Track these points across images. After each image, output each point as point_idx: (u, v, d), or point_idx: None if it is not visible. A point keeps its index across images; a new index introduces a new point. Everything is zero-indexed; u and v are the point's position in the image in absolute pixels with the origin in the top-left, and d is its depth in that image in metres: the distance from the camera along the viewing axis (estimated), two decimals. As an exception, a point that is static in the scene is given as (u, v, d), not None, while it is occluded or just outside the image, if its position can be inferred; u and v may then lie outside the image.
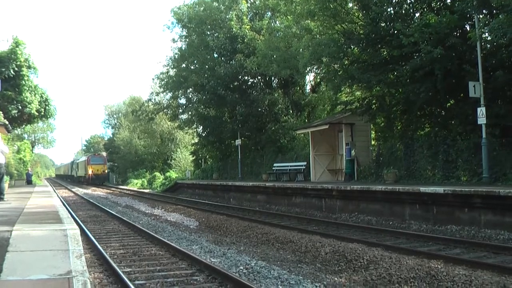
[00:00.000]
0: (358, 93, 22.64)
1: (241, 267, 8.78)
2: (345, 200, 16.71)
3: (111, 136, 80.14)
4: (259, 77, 32.12)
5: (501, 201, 11.18)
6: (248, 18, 32.33)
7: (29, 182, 44.04)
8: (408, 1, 18.09)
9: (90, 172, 57.34)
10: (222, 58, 32.21)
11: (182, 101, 38.57)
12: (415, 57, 16.21)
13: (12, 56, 27.62)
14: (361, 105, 20.19)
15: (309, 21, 21.87)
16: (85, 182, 58.59)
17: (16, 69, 27.64)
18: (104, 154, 67.59)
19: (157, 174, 49.94)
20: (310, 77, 31.59)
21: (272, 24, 30.95)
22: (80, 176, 64.49)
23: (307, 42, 20.81)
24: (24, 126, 38.18)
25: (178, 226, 15.89)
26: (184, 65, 35.45)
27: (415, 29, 15.44)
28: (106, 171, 60.31)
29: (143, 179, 52.18)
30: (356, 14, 19.68)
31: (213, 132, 34.53)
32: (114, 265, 8.58)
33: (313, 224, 15.24)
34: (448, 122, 17.88)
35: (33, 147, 70.55)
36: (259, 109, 31.10)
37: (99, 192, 38.76)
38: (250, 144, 33.06)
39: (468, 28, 16.26)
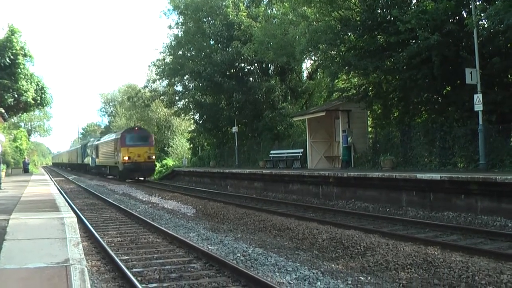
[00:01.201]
0: (354, 80, 22.59)
1: (238, 254, 8.81)
2: (342, 187, 16.75)
3: (108, 124, 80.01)
4: (256, 64, 31.97)
5: (497, 188, 11.23)
6: (245, 5, 32.11)
7: (26, 170, 44.08)
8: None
9: (126, 158, 33.94)
10: (219, 45, 32.06)
11: (179, 88, 38.56)
12: (412, 43, 16.15)
13: (8, 44, 27.46)
14: (357, 92, 20.17)
15: (305, 8, 21.75)
16: (116, 177, 37.19)
17: (12, 57, 27.50)
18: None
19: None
20: (307, 64, 31.56)
21: (269, 11, 30.81)
22: (101, 166, 42.61)
23: (303, 29, 20.71)
24: (20, 114, 38.02)
25: (175, 213, 15.91)
26: (180, 52, 35.28)
27: (412, 16, 15.37)
28: (154, 156, 36.33)
29: (140, 167, 52.02)
30: (353, 0, 19.55)
31: (209, 119, 34.58)
32: (112, 253, 8.60)
33: (310, 211, 15.29)
34: (445, 109, 17.86)
35: (29, 135, 70.39)
36: (256, 96, 30.99)
37: (96, 180, 38.69)
38: (247, 131, 33.04)
39: (465, 15, 16.18)
